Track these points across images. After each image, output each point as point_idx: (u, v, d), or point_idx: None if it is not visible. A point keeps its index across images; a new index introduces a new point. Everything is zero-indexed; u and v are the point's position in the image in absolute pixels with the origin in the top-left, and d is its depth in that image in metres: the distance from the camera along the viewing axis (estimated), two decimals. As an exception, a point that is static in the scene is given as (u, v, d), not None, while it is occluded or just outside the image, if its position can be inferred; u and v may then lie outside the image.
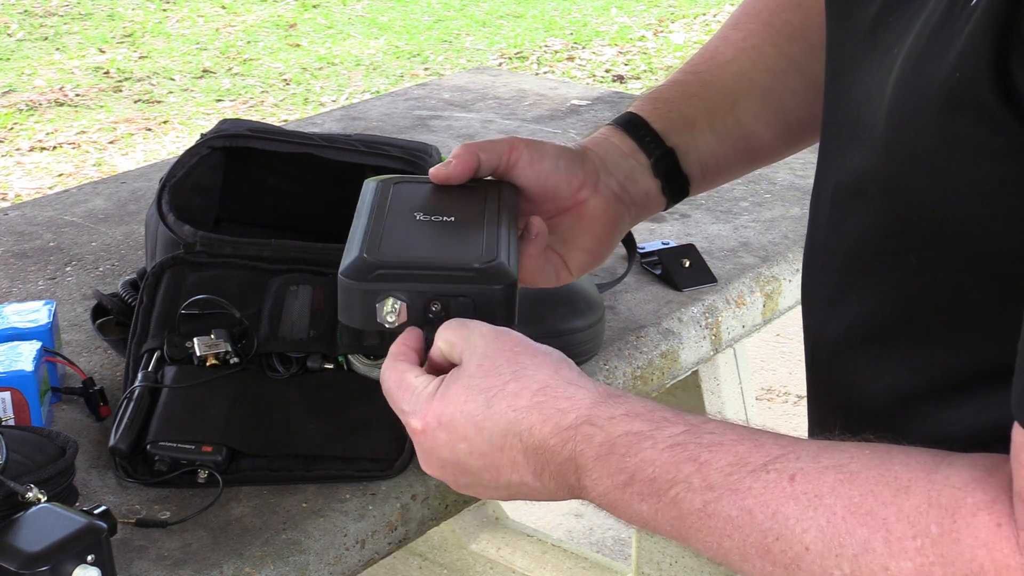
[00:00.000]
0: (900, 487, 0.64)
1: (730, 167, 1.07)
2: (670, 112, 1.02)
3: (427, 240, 0.88)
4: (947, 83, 0.66)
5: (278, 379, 1.19)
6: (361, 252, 0.84)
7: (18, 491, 0.92)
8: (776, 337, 3.42)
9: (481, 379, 0.76)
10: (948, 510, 0.62)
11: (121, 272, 1.52)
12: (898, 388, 0.76)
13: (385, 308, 0.82)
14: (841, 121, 0.81)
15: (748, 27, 1.06)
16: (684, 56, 5.96)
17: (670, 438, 0.70)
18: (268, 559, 1.01)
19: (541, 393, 0.75)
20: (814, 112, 1.03)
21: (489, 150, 0.93)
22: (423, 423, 0.78)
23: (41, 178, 4.63)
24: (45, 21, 6.63)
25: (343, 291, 0.83)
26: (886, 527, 0.63)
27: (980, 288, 0.69)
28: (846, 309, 0.80)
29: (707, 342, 1.43)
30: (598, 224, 0.98)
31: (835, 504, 0.64)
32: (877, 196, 0.74)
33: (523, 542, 2.28)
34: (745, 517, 0.67)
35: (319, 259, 1.27)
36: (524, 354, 0.77)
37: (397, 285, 0.82)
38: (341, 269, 0.83)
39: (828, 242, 0.82)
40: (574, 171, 0.96)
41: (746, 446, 0.69)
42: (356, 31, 6.49)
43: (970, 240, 0.68)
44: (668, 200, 1.03)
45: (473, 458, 0.77)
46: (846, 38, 0.82)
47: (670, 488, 0.69)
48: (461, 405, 0.76)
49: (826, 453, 0.67)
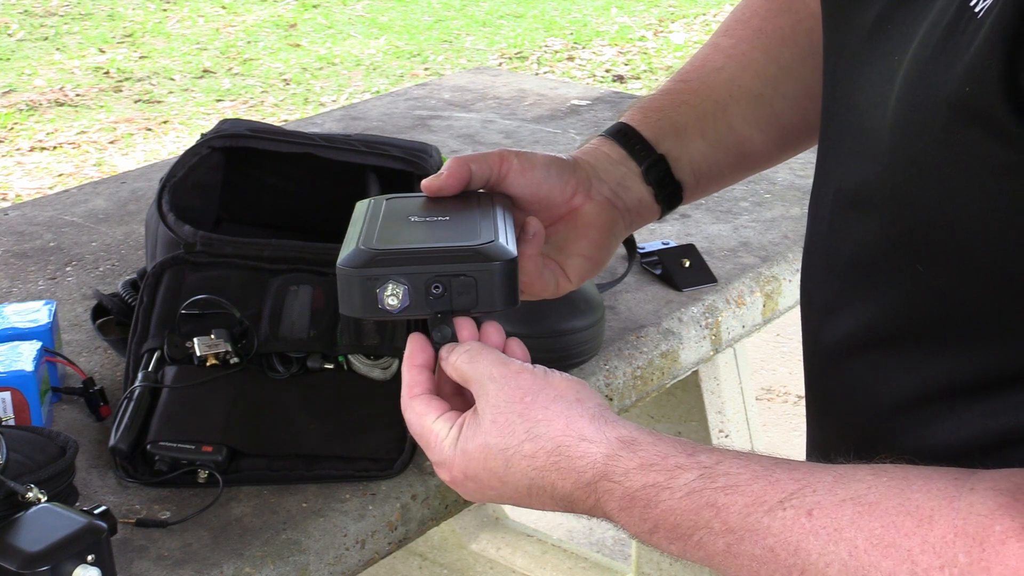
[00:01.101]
0: (923, 517, 0.63)
1: (724, 173, 1.07)
2: (660, 120, 1.03)
3: (423, 233, 0.88)
4: (955, 97, 0.65)
5: (278, 379, 1.19)
6: (358, 245, 0.85)
7: (18, 491, 0.92)
8: (776, 337, 3.43)
9: (497, 438, 0.78)
10: (976, 539, 0.61)
11: (121, 272, 1.52)
12: (900, 396, 0.75)
13: (386, 293, 0.82)
14: (841, 128, 0.80)
15: (738, 33, 1.05)
16: (684, 56, 5.96)
17: (686, 486, 0.72)
18: (268, 559, 1.01)
19: (555, 453, 0.76)
20: (807, 117, 1.03)
21: (480, 161, 0.94)
22: (451, 476, 0.81)
23: (41, 178, 4.63)
24: (45, 21, 6.64)
25: (342, 280, 0.84)
26: (911, 559, 0.62)
27: (988, 298, 0.68)
28: (848, 315, 0.79)
29: (707, 342, 1.43)
30: (593, 230, 0.98)
31: (856, 537, 0.64)
32: (882, 206, 0.73)
33: (523, 542, 2.28)
34: (768, 555, 0.68)
35: (319, 259, 1.27)
36: (535, 406, 0.78)
37: (396, 269, 0.82)
38: (339, 261, 0.84)
39: (829, 248, 0.82)
40: (566, 178, 0.97)
41: (760, 484, 0.69)
42: (356, 31, 6.49)
43: (979, 252, 0.67)
44: (663, 207, 1.03)
45: (504, 500, 0.80)
46: (844, 44, 0.82)
47: (693, 534, 0.71)
48: (483, 463, 0.79)
49: (842, 484, 0.67)
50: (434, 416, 0.82)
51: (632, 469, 0.74)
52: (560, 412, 0.77)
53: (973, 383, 0.71)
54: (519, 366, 0.80)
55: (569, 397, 0.78)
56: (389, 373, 1.19)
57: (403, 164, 1.35)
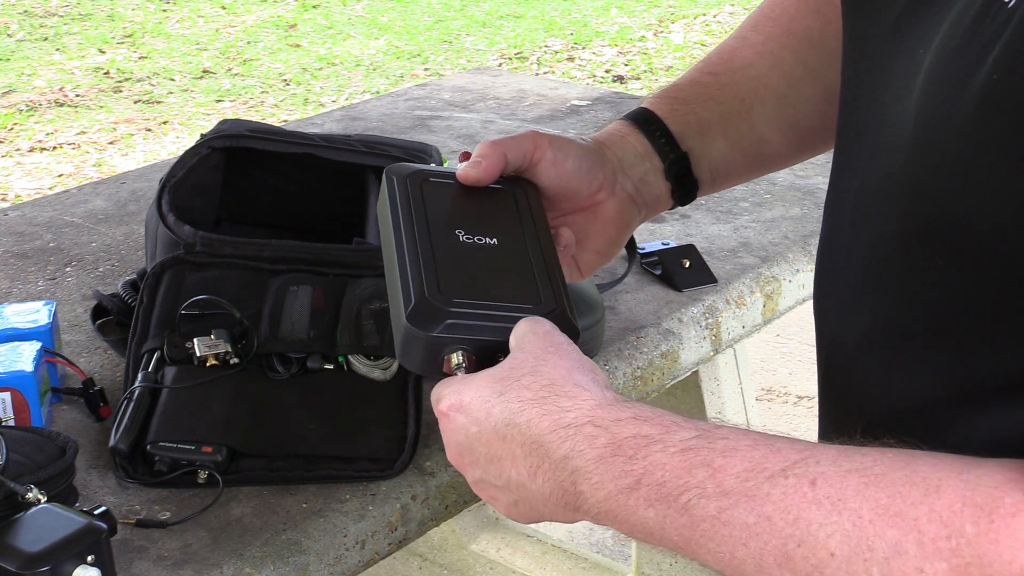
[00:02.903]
0: (930, 487, 0.61)
1: (739, 172, 1.07)
2: (687, 115, 1.02)
3: (482, 276, 0.85)
4: (983, 87, 0.64)
5: (278, 379, 1.19)
6: (424, 293, 0.81)
7: (18, 491, 0.92)
8: (776, 337, 3.42)
9: (505, 370, 0.77)
10: (984, 510, 0.59)
11: (121, 272, 1.52)
12: (918, 393, 0.74)
13: (453, 361, 0.81)
14: (864, 124, 0.79)
15: (767, 30, 1.04)
16: (684, 56, 5.96)
17: (681, 442, 0.69)
18: (268, 559, 1.01)
19: (547, 388, 0.75)
20: (825, 120, 1.02)
21: (515, 149, 0.92)
22: (448, 403, 0.79)
23: (41, 178, 4.63)
24: (45, 21, 6.63)
25: (408, 338, 0.81)
26: (917, 528, 0.61)
27: (1009, 295, 0.66)
28: (866, 312, 0.78)
29: (707, 342, 1.43)
30: (612, 225, 0.98)
31: (861, 507, 0.62)
32: (903, 199, 0.72)
33: (523, 542, 2.28)
34: (763, 524, 0.65)
35: (319, 259, 1.27)
36: (553, 352, 0.77)
37: (465, 339, 0.80)
38: (406, 314, 0.80)
39: (849, 245, 0.80)
40: (594, 173, 0.96)
41: (762, 451, 0.67)
42: (356, 31, 6.49)
43: (1001, 247, 0.65)
44: (676, 203, 1.03)
45: (480, 445, 0.77)
46: (867, 39, 0.80)
47: (681, 494, 0.68)
48: (479, 390, 0.77)
49: (847, 457, 0.65)
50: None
51: (624, 418, 0.71)
52: (571, 367, 0.76)
53: (998, 382, 0.68)
54: (560, 340, 0.79)
55: (586, 367, 0.78)
56: (389, 373, 1.19)
57: (403, 164, 1.34)
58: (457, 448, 0.80)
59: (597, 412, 0.72)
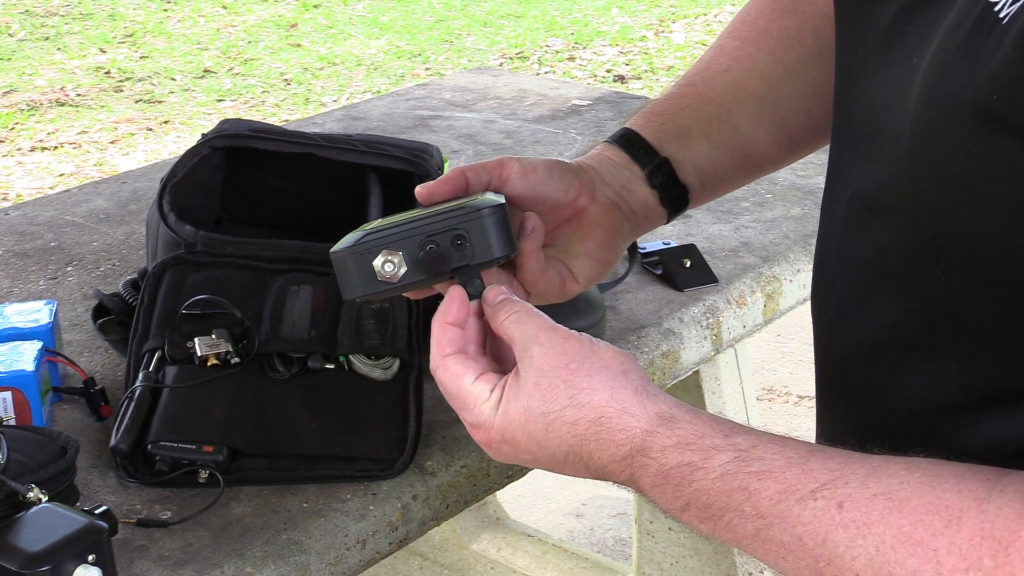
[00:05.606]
0: (952, 518, 0.63)
1: (730, 176, 1.07)
2: (663, 124, 1.03)
3: (412, 214, 0.89)
4: (982, 104, 0.64)
5: (279, 379, 1.19)
6: (348, 236, 0.87)
7: (19, 491, 0.92)
8: (777, 337, 3.43)
9: (539, 402, 0.78)
10: (1002, 543, 0.61)
11: (122, 272, 1.52)
12: (918, 401, 0.75)
13: (382, 262, 0.84)
14: (857, 129, 0.80)
15: (744, 35, 1.05)
16: (685, 56, 5.96)
17: (719, 467, 0.72)
18: (269, 559, 1.01)
19: (597, 424, 0.77)
20: (814, 118, 1.02)
21: (477, 169, 0.94)
22: (487, 437, 0.81)
23: (42, 178, 4.63)
24: (46, 21, 6.64)
25: (337, 264, 0.85)
26: (937, 559, 0.62)
27: (1010, 307, 0.67)
28: (864, 319, 0.79)
29: (708, 342, 1.43)
30: (599, 230, 0.98)
31: (884, 533, 0.65)
32: (901, 211, 0.73)
33: (524, 542, 2.28)
34: (796, 543, 0.68)
35: (320, 259, 1.27)
36: (579, 373, 0.78)
37: (386, 239, 0.84)
38: (332, 251, 0.86)
39: (843, 250, 0.81)
40: (568, 180, 0.97)
41: (794, 472, 0.70)
42: (357, 31, 6.49)
43: (1002, 260, 0.66)
44: (669, 210, 1.03)
45: (537, 464, 0.81)
46: (859, 44, 0.81)
47: (723, 515, 0.72)
48: (522, 426, 0.79)
49: (875, 478, 0.67)
50: (472, 377, 0.82)
51: (669, 447, 0.74)
52: (605, 382, 0.78)
53: (996, 391, 0.70)
54: (566, 332, 0.80)
55: (614, 368, 0.78)
56: (390, 373, 1.19)
57: (404, 164, 1.35)
58: (511, 460, 0.83)
59: (646, 442, 0.76)
